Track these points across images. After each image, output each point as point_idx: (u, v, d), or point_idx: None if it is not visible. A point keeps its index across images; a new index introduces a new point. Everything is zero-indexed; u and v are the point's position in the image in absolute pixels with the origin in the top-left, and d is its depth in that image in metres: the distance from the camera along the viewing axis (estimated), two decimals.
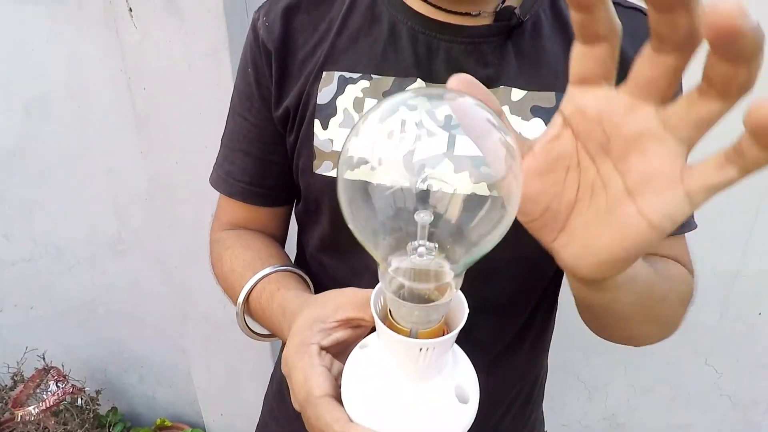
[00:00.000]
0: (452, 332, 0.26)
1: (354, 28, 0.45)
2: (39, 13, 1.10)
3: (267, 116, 0.50)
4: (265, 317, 0.46)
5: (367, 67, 0.45)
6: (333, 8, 0.47)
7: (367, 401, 0.28)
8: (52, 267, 1.35)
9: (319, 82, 0.45)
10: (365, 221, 0.26)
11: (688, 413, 1.47)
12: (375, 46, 0.45)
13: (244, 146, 0.52)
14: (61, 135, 1.21)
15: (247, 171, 0.53)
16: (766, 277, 1.26)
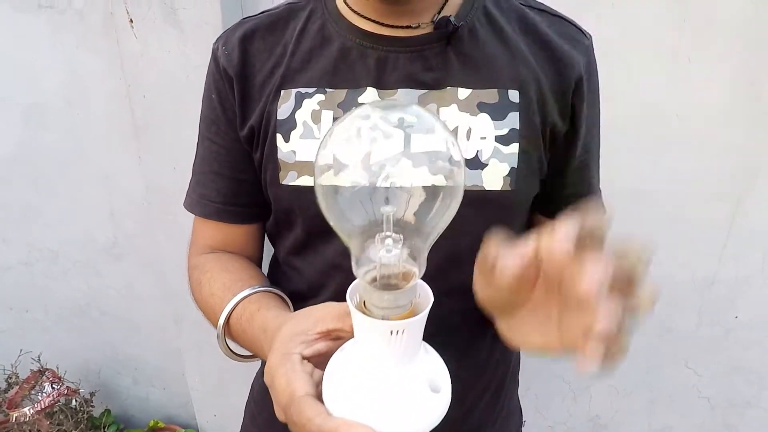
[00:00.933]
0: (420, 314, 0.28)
1: (306, 50, 0.50)
2: (39, 23, 1.13)
3: (234, 137, 0.53)
4: (246, 338, 0.47)
5: (320, 82, 0.49)
6: (285, 34, 0.51)
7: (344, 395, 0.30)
8: (47, 271, 1.37)
9: (278, 100, 0.50)
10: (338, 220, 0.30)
11: (669, 415, 1.51)
12: (327, 63, 0.49)
13: (215, 168, 0.55)
14: (58, 142, 1.23)
15: (220, 191, 0.55)
16: (742, 282, 1.31)
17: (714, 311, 1.34)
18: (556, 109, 0.50)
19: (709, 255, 1.28)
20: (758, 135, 1.15)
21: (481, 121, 0.48)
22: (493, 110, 0.48)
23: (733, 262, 1.28)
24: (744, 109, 1.13)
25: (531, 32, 0.50)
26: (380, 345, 0.28)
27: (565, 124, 0.52)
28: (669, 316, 1.35)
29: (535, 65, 0.49)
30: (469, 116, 0.48)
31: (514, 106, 0.48)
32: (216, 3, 0.99)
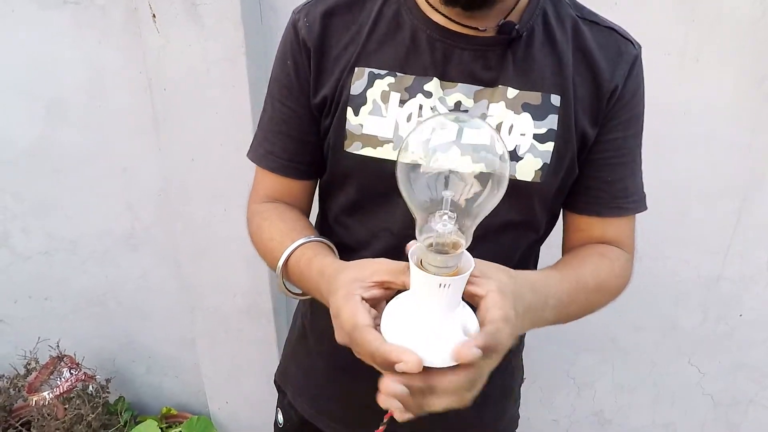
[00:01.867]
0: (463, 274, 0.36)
1: (381, 33, 0.54)
2: (63, 19, 1.17)
3: (305, 103, 0.58)
4: (303, 278, 0.53)
5: (392, 66, 0.54)
6: (362, 14, 0.55)
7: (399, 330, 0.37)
8: (66, 261, 1.41)
9: (352, 76, 0.54)
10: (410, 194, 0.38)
11: (672, 412, 1.53)
12: (399, 49, 0.54)
13: (283, 129, 0.60)
14: (79, 135, 1.27)
15: (287, 150, 0.60)
16: (747, 280, 1.33)
17: (719, 309, 1.36)
18: (588, 116, 0.55)
19: (715, 253, 1.30)
20: (765, 135, 1.17)
21: (523, 119, 0.53)
22: (535, 111, 0.53)
23: (738, 261, 1.30)
24: (751, 108, 1.15)
25: (579, 43, 0.55)
26: (430, 294, 0.36)
27: (595, 130, 0.56)
28: (674, 313, 1.37)
29: (575, 74, 0.54)
30: (514, 114, 0.53)
31: (555, 109, 0.53)
32: (235, 6, 1.02)
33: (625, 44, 0.56)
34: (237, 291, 1.27)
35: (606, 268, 0.57)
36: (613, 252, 0.59)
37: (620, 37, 0.57)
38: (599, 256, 0.58)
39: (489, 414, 0.69)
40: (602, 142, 0.57)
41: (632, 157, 0.60)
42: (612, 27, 0.57)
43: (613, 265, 0.58)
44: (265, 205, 0.63)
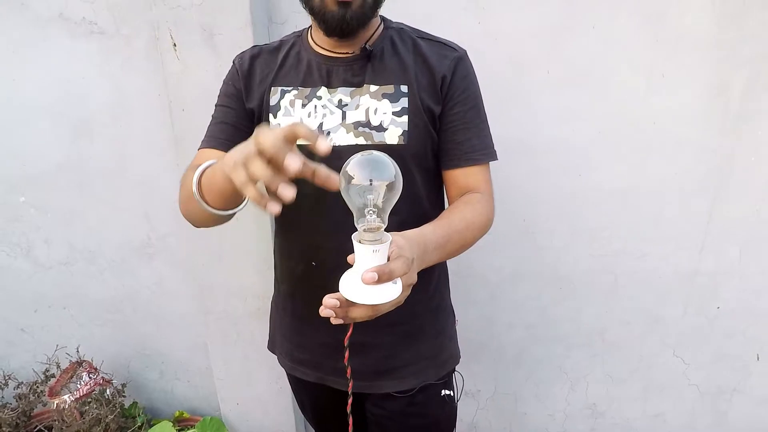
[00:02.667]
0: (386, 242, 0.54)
1: (288, 65, 0.83)
2: (90, 47, 1.29)
3: (240, 105, 0.83)
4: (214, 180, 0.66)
5: (295, 83, 0.81)
6: (278, 54, 0.84)
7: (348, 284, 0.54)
8: (85, 270, 1.49)
9: (269, 93, 0.81)
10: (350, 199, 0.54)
11: (662, 402, 1.60)
12: (299, 73, 0.81)
13: (222, 119, 0.83)
14: (102, 152, 1.37)
15: (224, 131, 0.82)
16: (721, 274, 1.43)
17: (697, 302, 1.45)
18: (429, 96, 0.79)
19: (690, 249, 1.40)
20: (728, 139, 1.29)
21: (383, 104, 0.78)
22: (390, 97, 0.78)
23: (712, 256, 1.40)
24: (714, 116, 1.27)
25: (417, 51, 0.80)
26: (367, 259, 0.52)
27: (438, 107, 0.79)
28: (656, 306, 1.47)
29: (416, 71, 0.79)
30: (376, 101, 0.78)
31: (404, 94, 0.78)
32: (248, 30, 1.15)
33: (448, 49, 0.81)
34: (248, 294, 1.35)
35: (469, 211, 0.77)
36: (473, 197, 0.80)
37: (445, 45, 0.82)
38: (463, 204, 0.78)
39: (426, 349, 0.88)
40: (448, 115, 0.80)
41: (475, 123, 0.81)
42: (440, 40, 0.83)
43: (474, 207, 0.78)
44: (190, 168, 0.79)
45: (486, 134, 0.83)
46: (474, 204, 0.78)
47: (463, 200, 0.79)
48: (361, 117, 0.78)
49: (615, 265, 1.44)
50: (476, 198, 0.79)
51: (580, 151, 1.31)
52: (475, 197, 0.80)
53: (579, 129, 1.29)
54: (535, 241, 1.48)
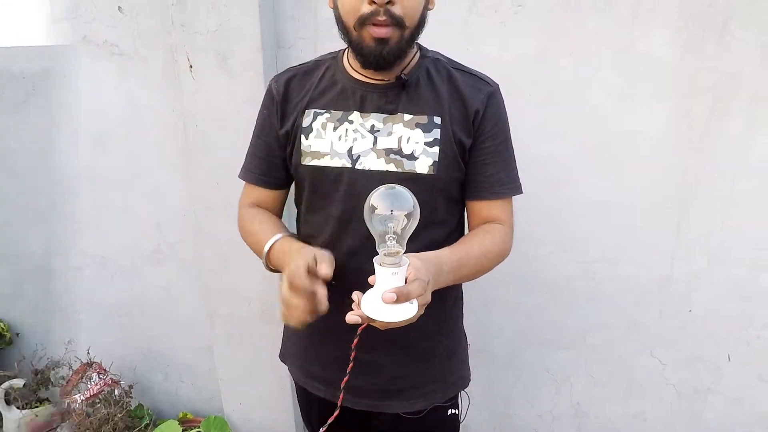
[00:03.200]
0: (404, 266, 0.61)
1: (322, 87, 0.84)
2: (110, 67, 1.39)
3: (274, 136, 0.87)
4: (278, 258, 0.81)
5: (328, 107, 0.82)
6: (312, 78, 0.86)
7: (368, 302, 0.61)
8: (97, 275, 1.57)
9: (303, 115, 0.83)
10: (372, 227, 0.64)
11: (642, 402, 1.70)
12: (333, 95, 0.82)
13: (258, 154, 0.90)
14: (117, 163, 1.47)
15: (260, 167, 0.89)
16: (692, 280, 1.54)
17: (671, 306, 1.56)
18: (461, 129, 0.80)
19: (663, 257, 1.51)
20: (693, 156, 1.42)
21: (416, 133, 0.79)
22: (423, 127, 0.79)
23: (683, 263, 1.51)
24: (680, 135, 1.40)
25: (452, 83, 0.82)
26: (386, 280, 0.60)
27: (469, 140, 0.81)
28: (634, 310, 1.57)
29: (450, 103, 0.80)
30: (409, 130, 0.80)
31: (437, 125, 0.79)
32: (259, 55, 1.26)
33: (482, 83, 0.82)
34: (252, 297, 1.44)
35: (488, 239, 0.81)
36: (494, 227, 0.83)
37: (479, 79, 0.83)
38: (483, 232, 0.82)
39: (436, 372, 0.90)
40: (479, 148, 0.81)
41: (503, 158, 0.84)
42: (474, 73, 0.84)
43: (494, 236, 0.82)
44: (251, 208, 0.91)
45: (513, 168, 0.85)
46: (493, 233, 0.81)
47: (483, 228, 0.82)
48: (393, 144, 0.78)
49: (595, 272, 1.55)
50: (496, 228, 0.82)
51: (560, 166, 1.42)
52: (495, 227, 0.83)
53: (559, 147, 1.41)
54: (523, 250, 1.58)
